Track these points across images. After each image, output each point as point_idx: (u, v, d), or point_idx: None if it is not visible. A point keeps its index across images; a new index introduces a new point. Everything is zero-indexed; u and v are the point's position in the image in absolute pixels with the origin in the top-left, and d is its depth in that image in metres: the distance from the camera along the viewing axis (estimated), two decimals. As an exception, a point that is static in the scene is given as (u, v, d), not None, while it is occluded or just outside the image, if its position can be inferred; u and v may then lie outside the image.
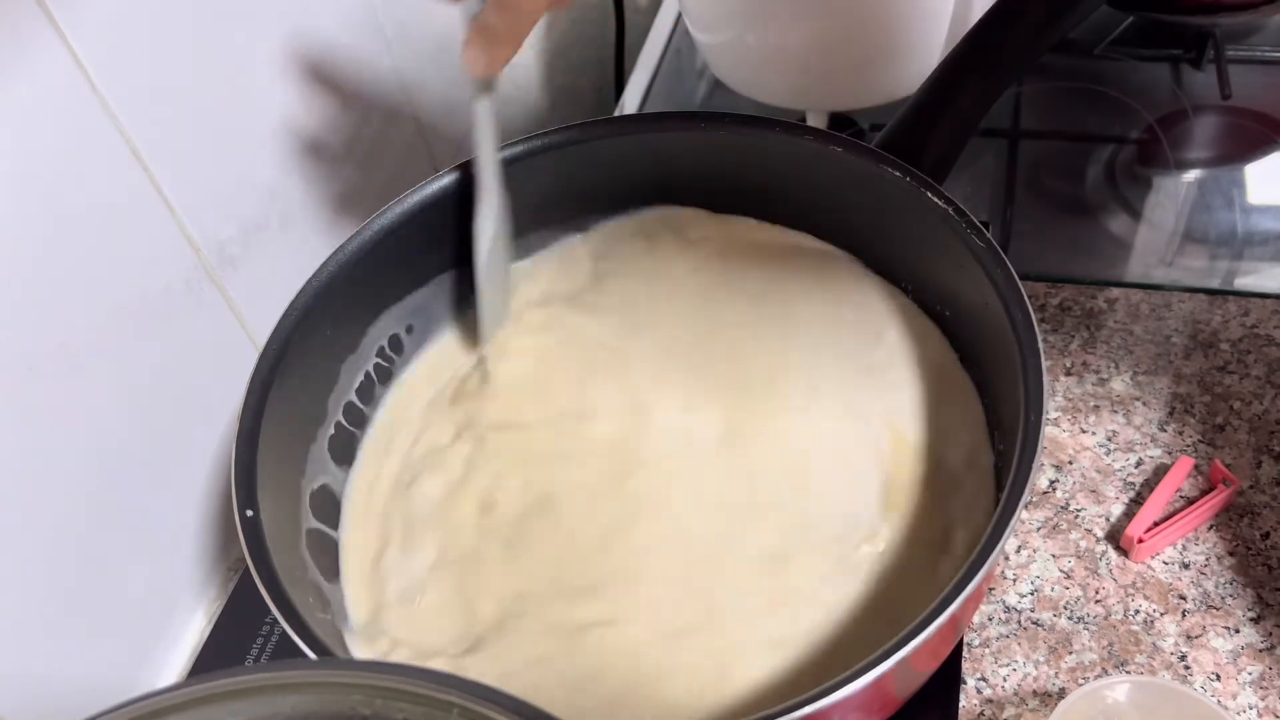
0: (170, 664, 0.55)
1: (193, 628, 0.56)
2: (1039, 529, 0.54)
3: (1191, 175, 0.72)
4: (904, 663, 0.35)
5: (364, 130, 0.64)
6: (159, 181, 0.50)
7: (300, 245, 0.60)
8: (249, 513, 0.41)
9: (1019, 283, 0.44)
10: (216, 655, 0.53)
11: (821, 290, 0.55)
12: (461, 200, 0.54)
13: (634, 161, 0.57)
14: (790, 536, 0.46)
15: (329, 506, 0.50)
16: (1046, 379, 0.41)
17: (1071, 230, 0.70)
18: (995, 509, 0.39)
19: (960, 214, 0.47)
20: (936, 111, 0.51)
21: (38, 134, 0.43)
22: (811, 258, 0.57)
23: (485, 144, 0.52)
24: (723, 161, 0.56)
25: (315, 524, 0.48)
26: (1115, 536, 0.53)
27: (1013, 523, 0.37)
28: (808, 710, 0.34)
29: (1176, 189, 0.71)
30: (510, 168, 0.53)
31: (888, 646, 0.35)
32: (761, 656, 0.43)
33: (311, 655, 0.36)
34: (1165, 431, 0.57)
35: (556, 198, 0.57)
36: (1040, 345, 0.42)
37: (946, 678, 0.47)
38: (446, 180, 0.53)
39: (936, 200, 0.48)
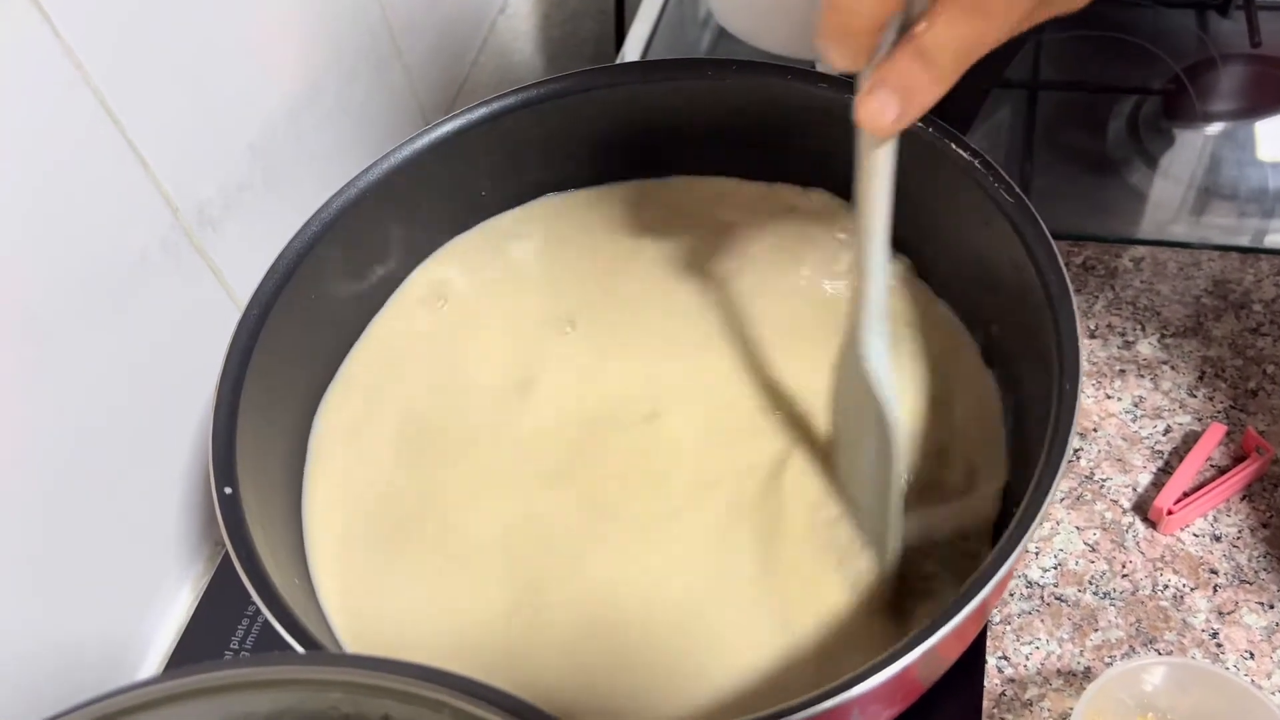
0: (156, 642, 0.53)
1: (179, 604, 0.54)
2: (1063, 500, 0.52)
3: (1219, 127, 0.69)
4: (931, 651, 0.32)
5: (351, 82, 0.61)
6: (133, 138, 0.47)
7: (286, 204, 0.57)
8: (228, 490, 0.39)
9: (1052, 241, 0.41)
10: (203, 633, 0.51)
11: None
12: (452, 153, 0.51)
13: (634, 116, 0.53)
14: None
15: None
16: (1082, 344, 0.39)
17: (1093, 186, 0.67)
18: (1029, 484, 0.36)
19: (988, 166, 0.44)
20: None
21: (-3, 88, 0.40)
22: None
23: (879, 216, 0.36)
24: (728, 115, 0.53)
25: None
26: (1143, 508, 0.51)
27: (1046, 504, 0.35)
28: (829, 704, 0.31)
29: (1203, 142, 0.68)
30: (498, 121, 0.51)
31: (913, 636, 0.32)
32: None
33: (292, 642, 0.34)
34: (1195, 397, 0.55)
35: (550, 152, 0.54)
36: (1075, 309, 0.39)
37: (970, 662, 0.45)
38: (437, 133, 0.50)
39: (961, 152, 0.45)
